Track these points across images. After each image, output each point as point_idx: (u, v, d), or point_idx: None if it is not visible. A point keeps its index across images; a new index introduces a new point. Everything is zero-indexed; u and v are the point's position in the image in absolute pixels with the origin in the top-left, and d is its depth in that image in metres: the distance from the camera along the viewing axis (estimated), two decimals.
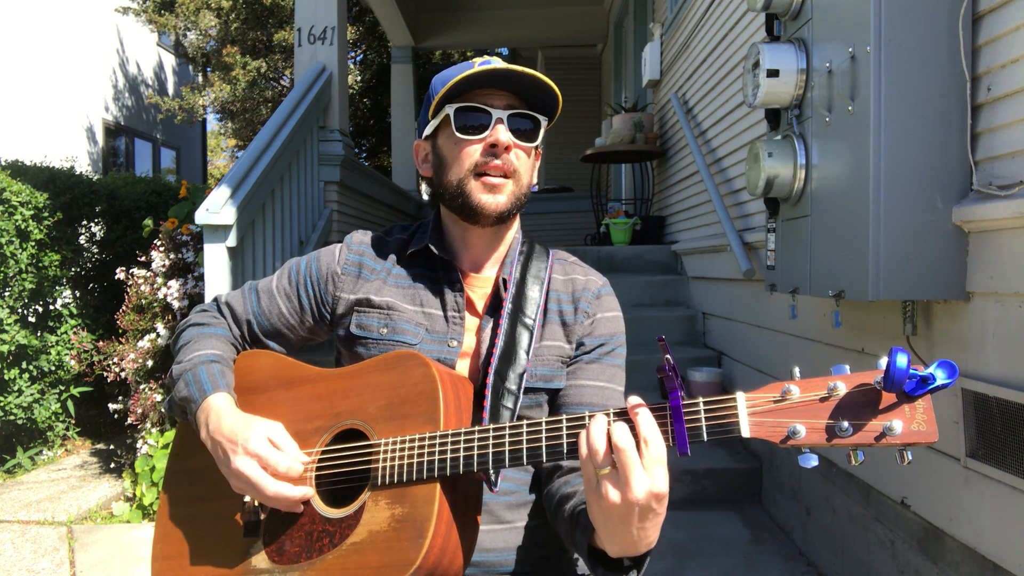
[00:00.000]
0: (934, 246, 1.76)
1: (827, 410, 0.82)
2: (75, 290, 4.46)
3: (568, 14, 8.75)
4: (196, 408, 1.08)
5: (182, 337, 1.21)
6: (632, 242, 5.59)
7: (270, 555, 1.02)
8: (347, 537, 0.97)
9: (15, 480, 3.83)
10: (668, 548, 2.73)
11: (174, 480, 1.17)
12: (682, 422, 0.85)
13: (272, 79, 9.72)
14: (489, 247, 1.19)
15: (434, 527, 0.92)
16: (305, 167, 4.25)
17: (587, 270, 1.24)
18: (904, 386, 0.78)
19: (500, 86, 1.10)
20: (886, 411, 0.80)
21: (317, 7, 4.63)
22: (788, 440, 0.82)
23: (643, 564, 0.91)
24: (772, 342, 3.10)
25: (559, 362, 1.16)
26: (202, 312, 1.26)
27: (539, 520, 1.17)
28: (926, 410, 0.80)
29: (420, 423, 0.98)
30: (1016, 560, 1.60)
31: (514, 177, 1.11)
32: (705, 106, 4.34)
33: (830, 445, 0.82)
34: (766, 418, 0.83)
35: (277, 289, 1.23)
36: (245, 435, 1.01)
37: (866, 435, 0.80)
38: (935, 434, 0.79)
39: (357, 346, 1.16)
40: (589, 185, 6.45)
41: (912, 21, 1.75)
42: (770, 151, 2.18)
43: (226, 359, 1.16)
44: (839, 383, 0.82)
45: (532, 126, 1.12)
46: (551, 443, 0.91)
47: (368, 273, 1.19)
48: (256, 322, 1.22)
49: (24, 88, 8.77)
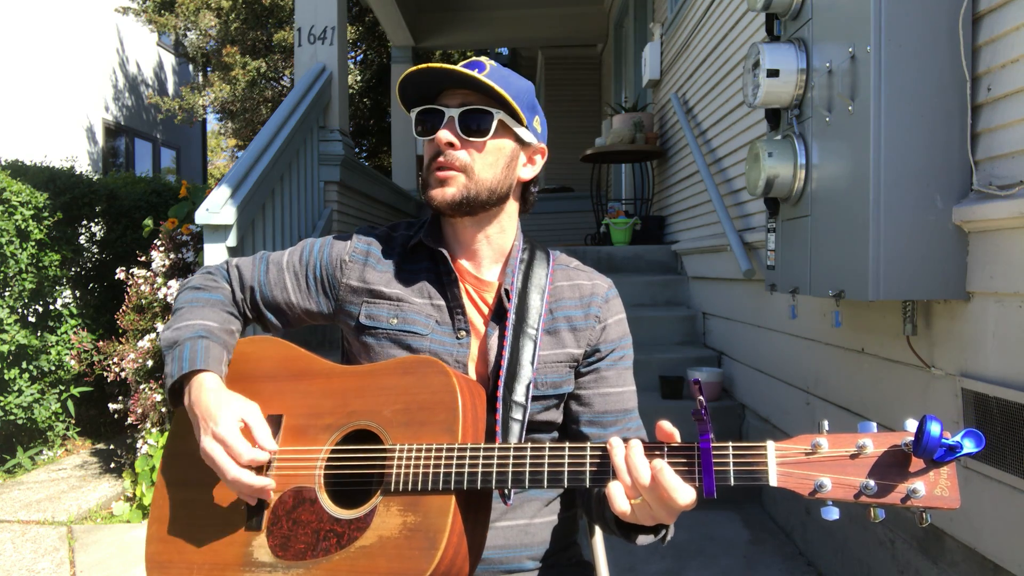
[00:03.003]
0: (934, 246, 1.76)
1: (855, 468, 0.85)
2: (75, 290, 4.45)
3: (568, 14, 8.74)
4: (176, 382, 1.09)
5: (179, 300, 1.22)
6: (632, 242, 5.59)
7: (273, 549, 1.01)
8: (355, 540, 0.97)
9: (15, 480, 3.83)
10: (668, 548, 2.73)
11: (172, 462, 1.15)
12: (711, 469, 0.88)
13: (272, 79, 9.72)
14: (476, 240, 1.19)
15: (447, 539, 0.92)
16: (305, 167, 4.25)
17: (591, 274, 1.25)
18: (934, 454, 0.81)
19: (454, 85, 1.13)
20: (913, 475, 0.83)
21: (317, 7, 4.62)
22: (815, 494, 0.85)
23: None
24: (772, 342, 3.10)
25: (567, 367, 1.17)
26: (205, 275, 1.26)
27: (541, 516, 1.17)
28: (950, 476, 0.82)
29: (437, 432, 0.98)
30: (1016, 560, 1.60)
31: (466, 172, 1.12)
32: (705, 106, 4.33)
33: (856, 502, 0.85)
34: (794, 469, 0.86)
35: (287, 264, 1.24)
36: (216, 416, 1.01)
37: (891, 496, 0.83)
38: (957, 501, 0.82)
39: (366, 335, 1.16)
40: (589, 185, 6.44)
41: (912, 21, 1.75)
42: (770, 151, 2.18)
43: (216, 333, 1.15)
44: (867, 441, 0.85)
45: (484, 121, 1.12)
46: (573, 470, 0.93)
47: (374, 262, 1.20)
48: (259, 290, 1.23)
49: (24, 88, 8.77)
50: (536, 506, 1.18)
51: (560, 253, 1.28)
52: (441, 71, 1.09)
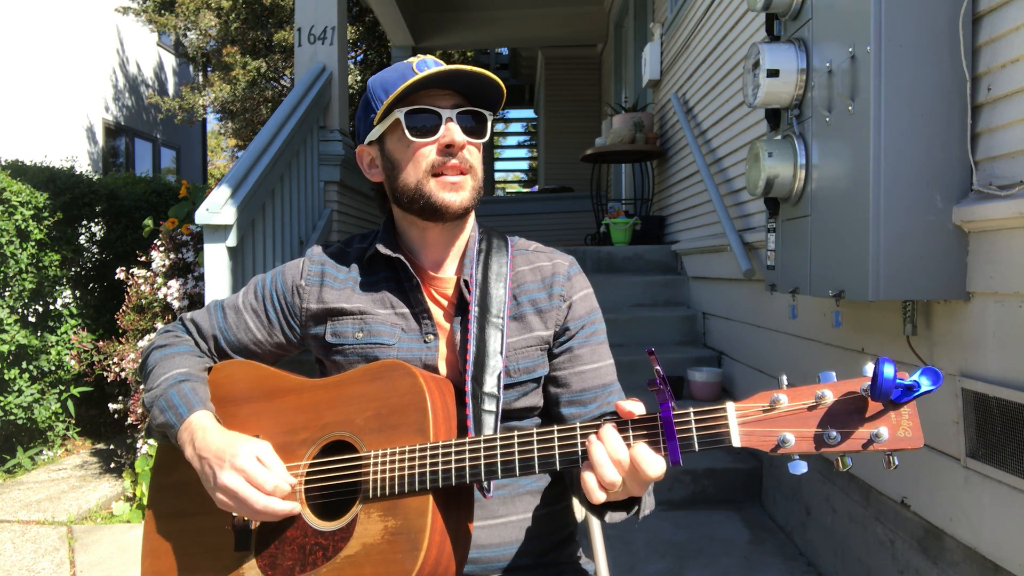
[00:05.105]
0: (934, 246, 1.76)
1: (815, 418, 0.84)
2: (75, 290, 4.45)
3: (568, 14, 8.74)
4: (177, 431, 1.08)
5: (148, 363, 1.20)
6: (632, 242, 5.59)
7: (263, 569, 1.02)
8: (341, 550, 0.97)
9: (15, 480, 3.83)
10: (668, 548, 2.73)
11: (159, 496, 1.16)
12: (674, 436, 0.88)
13: (272, 79, 9.72)
14: (448, 244, 1.19)
15: (428, 539, 0.93)
16: (305, 167, 4.25)
17: (551, 254, 1.24)
18: (891, 395, 0.80)
19: (445, 86, 1.11)
20: (873, 418, 0.83)
21: (317, 7, 4.62)
22: (778, 449, 0.84)
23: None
24: (772, 342, 3.10)
25: (538, 350, 1.17)
26: (165, 333, 1.25)
27: (534, 512, 1.17)
28: (911, 416, 0.82)
29: (409, 434, 0.98)
30: (1016, 560, 1.60)
31: (471, 173, 1.13)
32: (705, 106, 4.34)
33: (819, 453, 0.84)
34: (756, 427, 0.86)
35: (244, 304, 1.23)
36: (232, 451, 1.01)
37: (854, 442, 0.83)
38: (921, 440, 0.81)
39: (335, 354, 1.16)
40: (589, 185, 6.44)
41: (912, 21, 1.75)
42: (770, 151, 2.18)
43: (194, 374, 1.14)
44: (826, 391, 0.85)
45: (479, 122, 1.13)
46: (543, 455, 0.94)
47: (331, 281, 1.19)
48: (223, 337, 1.22)
49: (24, 88, 8.77)
50: (530, 501, 1.17)
51: (519, 238, 1.27)
52: (472, 74, 1.07)
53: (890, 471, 2.12)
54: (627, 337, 4.23)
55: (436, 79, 1.08)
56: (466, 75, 1.08)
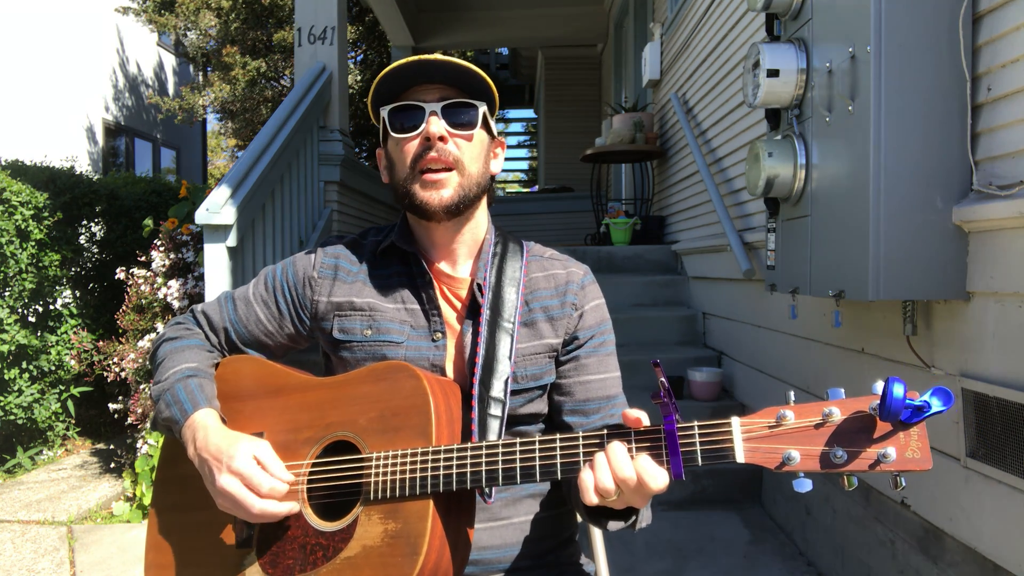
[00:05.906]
0: (934, 246, 1.76)
1: (822, 437, 0.83)
2: (75, 290, 4.45)
3: (568, 14, 8.73)
4: (181, 427, 1.07)
5: (157, 355, 1.19)
6: (632, 242, 5.59)
7: (264, 567, 1.02)
8: (340, 551, 0.97)
9: (15, 480, 3.83)
10: (668, 548, 2.73)
11: (164, 488, 1.16)
12: (678, 451, 0.87)
13: (272, 79, 9.71)
14: (455, 240, 1.17)
15: (428, 543, 0.93)
16: (305, 167, 4.25)
17: (566, 262, 1.23)
18: (900, 415, 0.79)
19: (431, 80, 1.09)
20: (881, 439, 0.81)
21: (317, 7, 4.62)
22: (783, 466, 0.83)
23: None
24: (772, 342, 3.10)
25: (546, 358, 1.16)
26: (176, 325, 1.24)
27: (537, 514, 1.17)
28: (920, 436, 0.80)
29: (412, 437, 0.98)
30: (1016, 560, 1.60)
31: (457, 167, 1.09)
32: (705, 106, 4.33)
33: (825, 472, 0.82)
34: (761, 444, 0.84)
35: (254, 296, 1.22)
36: (230, 452, 1.00)
37: (860, 462, 0.81)
38: (929, 462, 0.80)
39: (342, 351, 1.15)
40: (589, 185, 6.44)
41: (912, 21, 1.75)
42: (770, 151, 2.18)
43: (203, 370, 1.14)
44: (834, 409, 0.83)
45: (469, 114, 1.10)
46: (544, 463, 0.93)
47: (344, 275, 1.18)
48: (233, 330, 1.21)
49: (24, 88, 8.76)
50: (532, 504, 1.17)
51: (534, 244, 1.26)
52: (435, 62, 1.06)
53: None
54: (627, 337, 4.22)
55: (410, 71, 1.07)
56: (439, 65, 1.06)
